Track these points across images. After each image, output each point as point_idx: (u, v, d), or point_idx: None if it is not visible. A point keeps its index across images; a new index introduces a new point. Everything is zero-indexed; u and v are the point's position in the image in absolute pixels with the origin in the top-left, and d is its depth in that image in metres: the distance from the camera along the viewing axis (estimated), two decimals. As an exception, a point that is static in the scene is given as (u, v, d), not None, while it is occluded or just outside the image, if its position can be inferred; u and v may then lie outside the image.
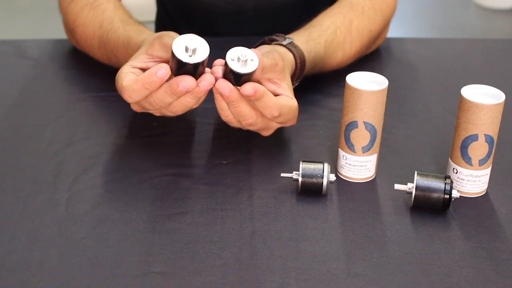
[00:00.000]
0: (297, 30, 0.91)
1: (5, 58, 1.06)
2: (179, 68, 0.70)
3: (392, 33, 1.11)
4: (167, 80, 0.72)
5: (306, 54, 0.86)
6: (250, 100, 0.73)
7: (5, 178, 0.78)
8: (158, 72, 0.70)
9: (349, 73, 0.76)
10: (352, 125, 0.76)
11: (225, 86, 0.71)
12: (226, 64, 0.71)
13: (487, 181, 0.77)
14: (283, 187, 0.76)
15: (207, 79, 0.71)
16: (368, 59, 1.03)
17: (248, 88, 0.71)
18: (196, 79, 0.71)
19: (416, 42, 1.19)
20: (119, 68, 0.78)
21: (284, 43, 0.84)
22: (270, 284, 0.64)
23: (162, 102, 0.73)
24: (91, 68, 1.00)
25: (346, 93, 0.75)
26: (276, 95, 0.76)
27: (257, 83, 0.72)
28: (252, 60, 0.71)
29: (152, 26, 1.30)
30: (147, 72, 0.72)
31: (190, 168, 0.80)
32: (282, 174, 0.76)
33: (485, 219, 0.73)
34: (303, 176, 0.74)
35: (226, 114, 0.75)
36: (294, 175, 0.75)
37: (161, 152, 0.82)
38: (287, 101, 0.76)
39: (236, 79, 0.71)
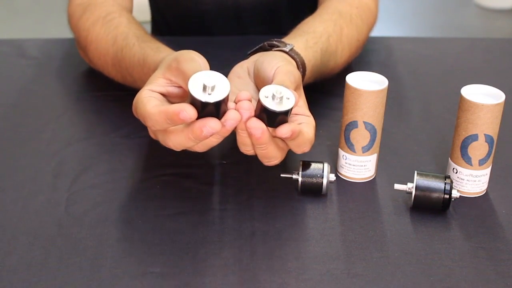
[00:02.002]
0: (291, 35, 0.87)
1: (4, 57, 1.06)
2: (200, 108, 0.63)
3: (392, 33, 1.12)
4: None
5: (306, 62, 0.83)
6: (281, 139, 0.68)
7: (5, 178, 0.78)
8: (181, 114, 0.63)
9: (349, 73, 0.76)
10: (352, 125, 0.76)
11: (257, 126, 0.64)
12: (259, 101, 0.65)
13: (487, 181, 0.77)
14: (283, 187, 0.76)
15: (232, 117, 0.64)
16: (368, 59, 1.03)
17: (285, 131, 0.65)
18: (220, 117, 0.64)
19: (416, 42, 1.19)
20: (134, 88, 0.72)
21: (286, 49, 0.80)
22: (270, 284, 0.64)
23: (183, 146, 0.67)
24: (91, 68, 1.00)
25: (346, 93, 0.75)
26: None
27: (294, 123, 0.66)
28: (288, 99, 0.65)
29: (147, 26, 1.30)
30: (170, 108, 0.64)
31: (190, 168, 0.80)
32: (282, 174, 0.76)
33: (485, 219, 0.73)
34: (303, 176, 0.74)
35: (248, 149, 0.69)
36: (294, 175, 0.75)
37: (161, 152, 0.82)
38: (311, 127, 0.70)
39: (271, 118, 0.65)
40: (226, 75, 0.73)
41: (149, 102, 0.67)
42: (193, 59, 0.68)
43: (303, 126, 0.69)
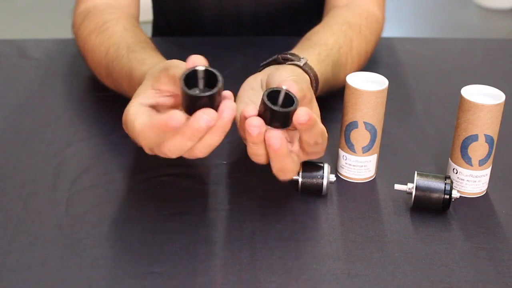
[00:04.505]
0: (302, 46, 0.86)
1: (5, 58, 1.06)
2: (193, 104, 0.61)
3: (392, 33, 1.12)
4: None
5: (319, 76, 0.81)
6: (300, 129, 0.65)
7: (5, 178, 0.78)
8: (168, 123, 0.60)
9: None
10: (352, 125, 0.76)
11: (276, 136, 0.62)
12: (263, 103, 0.63)
13: (487, 181, 0.77)
14: (283, 187, 0.76)
15: (229, 106, 0.61)
16: (368, 59, 1.03)
17: (302, 114, 0.62)
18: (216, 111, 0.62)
19: (416, 42, 1.19)
20: (128, 97, 0.71)
21: (300, 64, 0.78)
22: (270, 284, 0.64)
23: (181, 149, 0.63)
24: (91, 68, 1.00)
25: (346, 93, 0.75)
26: None
27: (308, 109, 0.64)
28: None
29: (149, 26, 1.30)
30: (160, 119, 0.61)
31: (190, 168, 0.80)
32: (282, 174, 0.76)
33: (485, 220, 0.73)
34: (303, 176, 0.74)
35: (260, 159, 0.67)
36: (294, 175, 0.75)
37: (161, 152, 0.82)
38: (323, 127, 0.69)
39: (276, 118, 0.63)
40: (225, 76, 0.73)
41: (136, 120, 0.65)
42: (180, 66, 0.66)
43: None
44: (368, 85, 0.75)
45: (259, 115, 0.64)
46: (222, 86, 0.61)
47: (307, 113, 0.63)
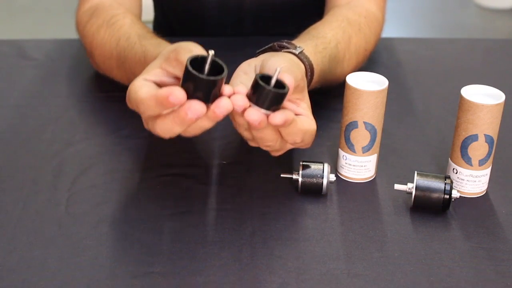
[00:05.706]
0: (300, 39, 0.86)
1: (5, 58, 1.06)
2: (193, 86, 0.62)
3: (392, 33, 1.12)
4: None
5: (314, 66, 0.82)
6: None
7: (5, 178, 0.78)
8: (170, 98, 0.61)
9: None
10: (352, 125, 0.76)
11: (255, 118, 0.63)
12: (256, 84, 0.64)
13: (487, 181, 0.77)
14: (283, 187, 0.76)
15: (223, 105, 0.63)
16: (368, 60, 1.03)
17: (278, 118, 0.64)
18: (211, 100, 0.63)
19: (416, 42, 1.19)
20: None
21: (296, 52, 0.79)
22: (270, 284, 0.64)
23: (170, 131, 0.65)
24: (91, 68, 1.00)
25: (346, 93, 0.75)
26: (295, 114, 0.69)
27: (287, 110, 0.65)
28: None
29: (150, 26, 1.30)
30: (160, 92, 0.63)
31: (190, 168, 0.80)
32: (282, 175, 0.76)
33: (485, 220, 0.73)
34: (303, 176, 0.74)
35: (245, 133, 0.69)
36: (294, 175, 0.75)
37: (161, 153, 0.82)
38: (310, 125, 0.69)
39: (264, 99, 0.64)
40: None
41: (141, 89, 0.66)
42: (192, 51, 0.67)
43: (299, 117, 0.68)
44: (368, 85, 0.75)
45: (248, 94, 0.64)
46: (225, 76, 0.62)
47: (283, 118, 0.64)
